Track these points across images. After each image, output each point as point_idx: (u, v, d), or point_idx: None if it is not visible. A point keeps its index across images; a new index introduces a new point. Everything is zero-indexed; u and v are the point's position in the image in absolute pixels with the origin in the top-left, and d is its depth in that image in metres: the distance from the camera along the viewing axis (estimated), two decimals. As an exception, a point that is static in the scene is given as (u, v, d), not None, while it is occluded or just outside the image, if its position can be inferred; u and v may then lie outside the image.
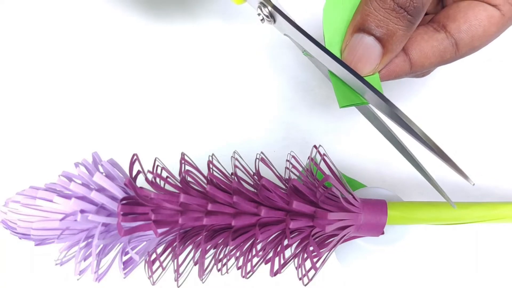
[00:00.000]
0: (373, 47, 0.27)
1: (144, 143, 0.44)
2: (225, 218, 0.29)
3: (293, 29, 0.28)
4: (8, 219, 0.30)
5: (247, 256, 0.30)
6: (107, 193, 0.29)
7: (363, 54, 0.27)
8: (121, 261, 0.29)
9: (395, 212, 0.30)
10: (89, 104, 0.46)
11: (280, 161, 0.33)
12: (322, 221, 0.28)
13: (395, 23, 0.26)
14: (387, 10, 0.26)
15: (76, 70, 0.47)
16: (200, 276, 0.31)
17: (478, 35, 0.28)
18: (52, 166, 0.40)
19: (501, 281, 0.40)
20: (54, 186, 0.31)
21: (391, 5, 0.25)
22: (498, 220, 0.31)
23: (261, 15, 0.29)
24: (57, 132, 0.44)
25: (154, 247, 0.30)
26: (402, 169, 0.43)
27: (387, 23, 0.26)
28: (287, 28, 0.28)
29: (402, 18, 0.26)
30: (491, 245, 0.40)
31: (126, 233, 0.28)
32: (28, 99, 0.46)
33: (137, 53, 0.48)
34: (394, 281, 0.40)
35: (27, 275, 0.40)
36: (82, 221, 0.28)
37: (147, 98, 0.46)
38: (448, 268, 0.40)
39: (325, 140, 0.44)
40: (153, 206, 0.29)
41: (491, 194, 0.42)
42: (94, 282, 0.30)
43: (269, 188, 0.28)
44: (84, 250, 0.29)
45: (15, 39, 0.49)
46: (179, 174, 0.30)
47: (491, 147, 0.43)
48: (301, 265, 0.30)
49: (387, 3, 0.25)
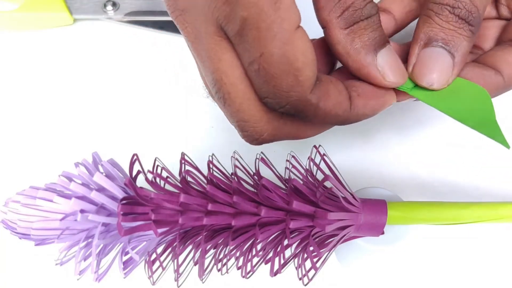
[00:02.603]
0: (445, 57, 0.28)
1: (144, 143, 0.44)
2: (225, 218, 0.29)
3: None
4: (8, 219, 0.30)
5: (247, 256, 0.30)
6: (107, 193, 0.29)
7: (437, 66, 0.28)
8: (121, 261, 0.29)
9: (395, 212, 0.30)
10: (89, 104, 0.46)
11: (280, 161, 0.33)
12: (322, 221, 0.28)
13: (460, 33, 0.27)
14: (451, 23, 0.27)
15: (75, 70, 0.47)
16: (200, 276, 0.31)
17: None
18: (52, 166, 0.40)
19: (501, 281, 0.40)
20: (54, 186, 0.31)
21: (453, 18, 0.27)
22: (498, 220, 0.31)
23: None
24: (57, 132, 0.44)
25: (154, 247, 0.30)
26: (402, 169, 0.43)
27: (453, 34, 0.27)
28: None
29: (465, 29, 0.27)
30: (491, 245, 0.40)
31: (126, 233, 0.28)
32: (28, 99, 0.46)
33: (137, 53, 0.48)
34: (394, 281, 0.40)
35: (27, 275, 0.40)
36: (82, 221, 0.28)
37: (147, 98, 0.46)
38: (448, 268, 0.40)
39: (325, 140, 0.44)
40: (153, 206, 0.29)
41: (491, 194, 0.42)
42: (94, 282, 0.30)
43: (269, 188, 0.28)
44: (84, 250, 0.29)
45: (15, 40, 0.49)
46: (179, 174, 0.30)
47: (491, 147, 0.43)
48: (301, 265, 0.30)
49: (450, 17, 0.27)
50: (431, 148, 0.43)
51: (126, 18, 0.49)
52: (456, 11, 0.27)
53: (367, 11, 0.26)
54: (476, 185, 0.42)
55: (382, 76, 0.27)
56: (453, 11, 0.27)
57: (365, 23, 0.26)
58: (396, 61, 0.28)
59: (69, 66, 0.47)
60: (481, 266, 0.40)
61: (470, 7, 0.27)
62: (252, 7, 0.23)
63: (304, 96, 0.25)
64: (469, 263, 0.40)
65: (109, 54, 0.48)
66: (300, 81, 0.25)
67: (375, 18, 0.27)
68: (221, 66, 0.26)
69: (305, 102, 0.26)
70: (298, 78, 0.25)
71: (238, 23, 0.24)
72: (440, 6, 0.27)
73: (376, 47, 0.27)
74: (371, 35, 0.27)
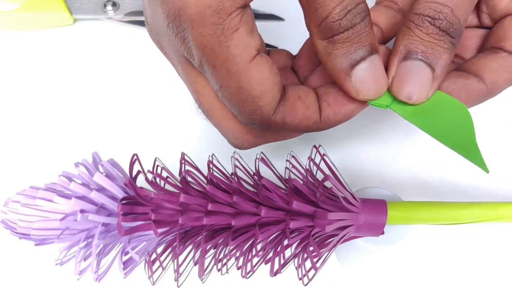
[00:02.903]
0: (425, 71, 0.27)
1: (144, 143, 0.44)
2: (225, 218, 0.29)
3: None
4: (8, 219, 0.30)
5: (247, 256, 0.30)
6: (107, 193, 0.29)
7: (416, 79, 0.27)
8: (121, 261, 0.29)
9: (395, 212, 0.30)
10: (89, 104, 0.46)
11: (280, 161, 0.33)
12: (322, 221, 0.28)
13: (441, 45, 0.27)
14: (431, 35, 0.26)
15: (75, 70, 0.47)
16: (200, 276, 0.31)
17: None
18: (52, 166, 0.40)
19: (501, 281, 0.40)
20: (54, 186, 0.31)
21: (434, 30, 0.26)
22: (498, 220, 0.31)
23: None
24: (57, 132, 0.44)
25: (154, 247, 0.30)
26: (402, 169, 0.43)
27: (433, 46, 0.27)
28: None
29: (446, 41, 0.27)
30: (491, 245, 0.40)
31: (126, 233, 0.28)
32: (28, 99, 0.46)
33: (137, 53, 0.48)
34: (394, 281, 0.40)
35: (27, 275, 0.40)
36: (82, 221, 0.28)
37: (146, 98, 0.46)
38: (448, 268, 0.40)
39: (324, 140, 0.44)
40: (153, 206, 0.29)
41: (491, 194, 0.42)
42: (94, 282, 0.30)
43: (269, 188, 0.28)
44: (84, 250, 0.29)
45: (15, 40, 0.49)
46: (179, 174, 0.30)
47: (491, 147, 0.43)
48: (301, 265, 0.30)
49: (430, 29, 0.26)
50: (431, 148, 0.43)
51: (126, 18, 0.49)
52: (437, 23, 0.26)
53: (346, 23, 0.25)
54: (476, 185, 0.42)
55: (356, 92, 0.27)
56: (433, 23, 0.26)
57: (343, 36, 0.26)
58: (372, 77, 0.27)
59: (69, 66, 0.47)
60: (481, 266, 0.40)
61: (451, 19, 0.26)
62: (204, 48, 0.25)
63: (267, 117, 0.27)
64: (469, 263, 0.40)
65: (109, 54, 0.48)
66: (261, 106, 0.27)
67: (355, 30, 0.26)
68: (197, 87, 0.29)
69: (270, 122, 0.28)
70: (258, 104, 0.27)
71: (197, 61, 0.26)
72: (420, 18, 0.27)
73: (352, 62, 0.27)
74: (348, 50, 0.26)
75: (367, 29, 0.26)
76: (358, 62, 0.27)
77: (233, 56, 0.25)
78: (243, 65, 0.26)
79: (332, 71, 0.27)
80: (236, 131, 0.30)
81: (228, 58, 0.25)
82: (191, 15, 0.24)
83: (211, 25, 0.24)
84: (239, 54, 0.25)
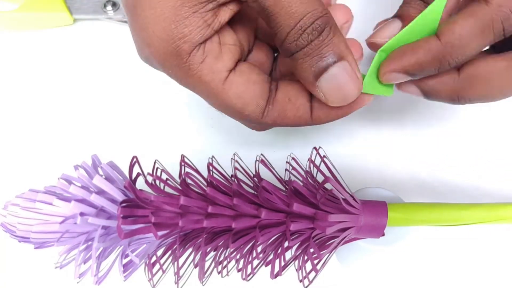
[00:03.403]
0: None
1: (144, 145, 0.44)
2: (225, 220, 0.29)
3: None
4: (7, 222, 0.30)
5: (247, 259, 0.30)
6: (106, 195, 0.29)
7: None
8: (121, 264, 0.29)
9: (396, 213, 0.30)
10: (88, 105, 0.46)
11: (280, 163, 0.33)
12: (322, 223, 0.28)
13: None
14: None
15: (75, 70, 0.47)
16: (200, 278, 0.31)
17: None
18: (52, 169, 0.40)
19: (501, 282, 0.40)
20: (53, 189, 0.31)
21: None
22: (498, 221, 0.31)
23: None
24: (57, 135, 0.44)
25: (154, 250, 0.30)
26: (402, 169, 0.43)
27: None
28: None
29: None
30: (491, 246, 0.40)
31: (126, 235, 0.28)
32: (28, 100, 0.46)
33: (136, 55, 0.48)
34: (394, 282, 0.40)
35: (26, 278, 0.40)
36: (82, 224, 0.28)
37: (146, 99, 0.46)
38: (448, 269, 0.40)
39: (325, 141, 0.44)
40: (153, 209, 0.29)
41: (491, 194, 0.42)
42: (94, 285, 0.30)
43: (269, 190, 0.28)
44: (84, 253, 0.29)
45: (15, 40, 0.49)
46: (179, 176, 0.30)
47: (491, 147, 0.43)
48: (302, 267, 0.30)
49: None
50: (431, 148, 0.43)
51: (126, 18, 0.49)
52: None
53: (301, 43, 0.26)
54: (476, 185, 0.42)
55: (325, 100, 0.28)
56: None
57: (300, 54, 0.27)
58: (336, 86, 0.28)
59: (69, 66, 0.47)
60: (481, 267, 0.40)
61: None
62: (180, 81, 0.29)
63: (258, 121, 0.30)
64: (469, 264, 0.40)
65: (109, 54, 0.48)
66: (247, 115, 0.29)
67: (312, 46, 0.26)
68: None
69: (261, 124, 0.30)
70: (244, 114, 0.29)
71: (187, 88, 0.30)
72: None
73: (316, 74, 0.27)
74: (309, 64, 0.27)
75: (326, 41, 0.27)
76: (321, 73, 0.27)
77: (206, 83, 0.28)
78: (218, 88, 0.28)
79: (302, 82, 0.29)
80: (247, 124, 0.33)
81: (202, 86, 0.28)
82: (158, 62, 0.28)
83: (177, 66, 0.27)
84: (211, 80, 0.28)
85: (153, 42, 0.27)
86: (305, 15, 0.26)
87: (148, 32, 0.27)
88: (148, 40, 0.27)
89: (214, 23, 0.27)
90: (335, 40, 0.27)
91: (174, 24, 0.26)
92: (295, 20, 0.26)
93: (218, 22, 0.27)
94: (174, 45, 0.26)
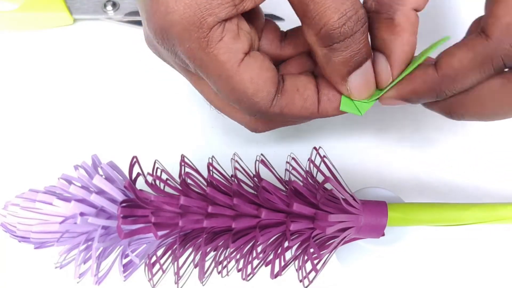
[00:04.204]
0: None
1: (144, 145, 0.44)
2: (225, 220, 0.29)
3: None
4: (7, 222, 0.30)
5: (247, 259, 0.30)
6: (106, 195, 0.29)
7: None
8: (121, 264, 0.29)
9: (396, 213, 0.30)
10: (88, 105, 0.46)
11: (280, 163, 0.33)
12: (322, 223, 0.28)
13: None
14: None
15: (75, 70, 0.47)
16: (200, 278, 0.31)
17: None
18: (52, 169, 0.40)
19: (501, 282, 0.40)
20: (53, 189, 0.31)
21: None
22: (498, 221, 0.31)
23: None
24: (57, 134, 0.44)
25: (154, 250, 0.30)
26: (402, 169, 0.43)
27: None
28: None
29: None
30: (491, 246, 0.40)
31: (126, 235, 0.28)
32: (28, 100, 0.46)
33: (137, 53, 0.48)
34: (394, 282, 0.40)
35: (26, 278, 0.40)
36: (82, 224, 0.28)
37: (146, 99, 0.46)
38: (448, 269, 0.40)
39: (325, 140, 0.44)
40: (153, 209, 0.29)
41: (491, 194, 0.42)
42: (94, 285, 0.30)
43: (269, 190, 0.28)
44: (84, 253, 0.29)
45: (15, 40, 0.49)
46: (179, 176, 0.30)
47: (491, 147, 0.43)
48: (302, 267, 0.30)
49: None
50: (431, 148, 0.43)
51: (126, 18, 0.49)
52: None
53: (346, 31, 0.26)
54: (476, 185, 0.42)
55: (349, 95, 0.29)
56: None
57: (343, 44, 0.26)
58: (365, 83, 0.29)
59: (69, 66, 0.47)
60: (481, 267, 0.40)
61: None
62: (194, 60, 0.27)
63: (266, 110, 0.29)
64: (469, 264, 0.40)
65: (109, 54, 0.48)
66: (257, 102, 0.29)
67: (355, 38, 0.26)
68: (202, 89, 0.32)
69: (269, 113, 0.29)
70: (254, 100, 0.28)
71: (192, 70, 0.29)
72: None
73: (349, 69, 0.28)
74: (347, 58, 0.27)
75: (364, 36, 0.27)
76: (354, 69, 0.28)
77: (221, 63, 0.27)
78: (232, 69, 0.27)
79: (330, 76, 0.29)
80: (247, 121, 0.33)
81: (217, 66, 0.27)
82: (177, 32, 0.26)
83: (196, 39, 0.26)
84: (227, 60, 0.27)
85: (179, 9, 0.25)
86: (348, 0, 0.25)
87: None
88: (171, 5, 0.25)
89: (239, 5, 0.26)
90: (368, 37, 0.27)
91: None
92: (340, 2, 0.25)
93: (243, 6, 0.27)
94: (200, 14, 0.25)
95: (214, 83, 0.28)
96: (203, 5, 0.25)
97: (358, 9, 0.26)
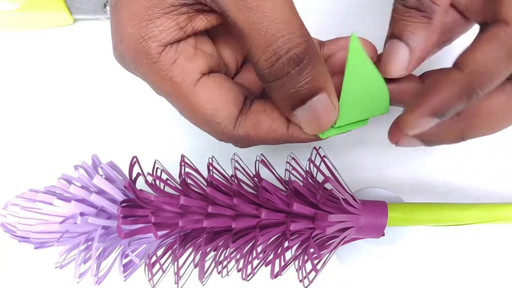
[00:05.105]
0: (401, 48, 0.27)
1: (144, 145, 0.44)
2: (225, 220, 0.29)
3: None
4: (7, 222, 0.30)
5: (247, 259, 0.30)
6: (106, 195, 0.29)
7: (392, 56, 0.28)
8: (121, 264, 0.29)
9: (396, 213, 0.30)
10: (88, 105, 0.45)
11: (280, 162, 0.33)
12: (322, 223, 0.28)
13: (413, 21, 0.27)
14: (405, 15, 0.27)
15: (75, 70, 0.47)
16: (200, 278, 0.31)
17: None
18: (52, 169, 0.40)
19: (501, 282, 0.40)
20: (53, 189, 0.31)
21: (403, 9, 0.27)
22: (498, 221, 0.31)
23: None
24: (57, 135, 0.44)
25: (154, 250, 0.30)
26: (402, 169, 0.43)
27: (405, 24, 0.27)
28: None
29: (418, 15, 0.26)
30: (491, 246, 0.40)
31: (126, 235, 0.28)
32: (28, 100, 0.46)
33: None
34: (394, 282, 0.40)
35: (26, 278, 0.40)
36: (82, 224, 0.28)
37: (146, 99, 0.46)
38: (448, 269, 0.40)
39: (324, 140, 0.44)
40: (153, 209, 0.29)
41: (491, 194, 0.42)
42: (94, 285, 0.30)
43: (269, 190, 0.28)
44: (84, 253, 0.29)
45: (15, 40, 0.49)
46: (179, 176, 0.30)
47: (491, 147, 0.43)
48: (302, 267, 0.30)
49: (401, 10, 0.27)
50: (431, 148, 0.43)
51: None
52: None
53: (276, 73, 0.25)
54: (477, 185, 0.42)
55: (300, 128, 0.28)
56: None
57: (276, 84, 0.26)
58: (313, 118, 0.27)
59: (69, 66, 0.47)
60: (481, 267, 0.40)
61: None
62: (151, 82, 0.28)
63: (229, 133, 0.29)
64: (469, 264, 0.40)
65: (109, 54, 0.48)
66: (218, 123, 0.28)
67: (289, 78, 0.25)
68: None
69: (233, 137, 0.29)
70: (215, 121, 0.28)
71: (155, 92, 0.29)
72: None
73: (293, 105, 0.27)
74: (284, 95, 0.26)
75: (304, 74, 0.25)
76: (298, 105, 0.26)
77: (177, 84, 0.27)
78: (188, 90, 0.27)
79: (279, 107, 0.28)
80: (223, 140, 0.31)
81: (173, 87, 0.27)
82: (129, 58, 0.28)
83: (147, 64, 0.27)
84: (182, 81, 0.27)
85: (125, 37, 0.27)
86: (278, 38, 0.24)
87: (122, 27, 0.27)
88: (121, 35, 0.27)
89: (187, 27, 0.27)
90: (314, 73, 0.25)
91: (144, 22, 0.26)
92: (267, 42, 0.24)
93: (192, 28, 0.27)
94: (143, 43, 0.26)
95: (175, 104, 0.29)
96: (144, 33, 0.26)
97: (292, 47, 0.24)
